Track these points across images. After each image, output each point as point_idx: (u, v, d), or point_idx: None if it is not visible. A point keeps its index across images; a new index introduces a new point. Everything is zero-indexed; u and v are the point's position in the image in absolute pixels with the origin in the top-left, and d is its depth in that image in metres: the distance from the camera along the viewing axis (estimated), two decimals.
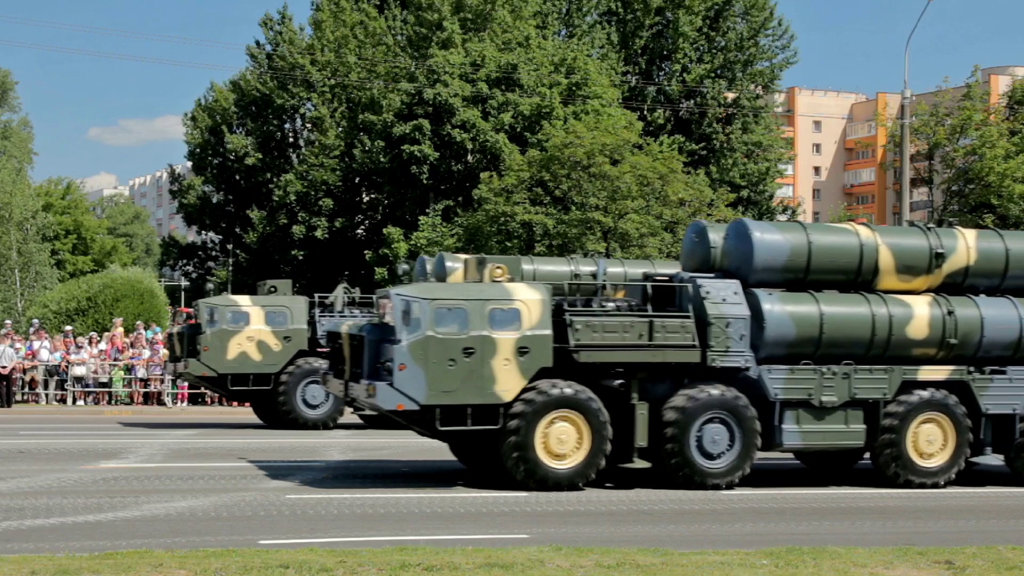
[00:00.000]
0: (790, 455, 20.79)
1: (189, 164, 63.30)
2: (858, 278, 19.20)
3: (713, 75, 59.61)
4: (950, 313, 19.17)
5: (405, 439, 24.29)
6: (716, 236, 19.48)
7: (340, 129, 55.11)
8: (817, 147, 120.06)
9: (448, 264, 25.73)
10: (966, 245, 19.77)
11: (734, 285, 18.46)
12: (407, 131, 49.40)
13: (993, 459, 19.88)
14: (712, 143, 58.82)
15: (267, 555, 11.49)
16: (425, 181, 49.88)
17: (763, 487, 18.75)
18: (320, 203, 53.77)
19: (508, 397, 17.27)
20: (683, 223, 45.44)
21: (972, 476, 19.87)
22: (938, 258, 19.47)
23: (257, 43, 59.45)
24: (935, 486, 18.90)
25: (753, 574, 11.29)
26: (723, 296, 18.28)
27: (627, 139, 46.11)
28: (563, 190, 44.23)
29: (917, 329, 19.04)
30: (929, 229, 19.88)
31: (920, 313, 19.11)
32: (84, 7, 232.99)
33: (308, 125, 58.55)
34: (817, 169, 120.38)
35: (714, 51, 60.64)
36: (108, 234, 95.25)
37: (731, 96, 60.31)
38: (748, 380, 18.30)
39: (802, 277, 18.93)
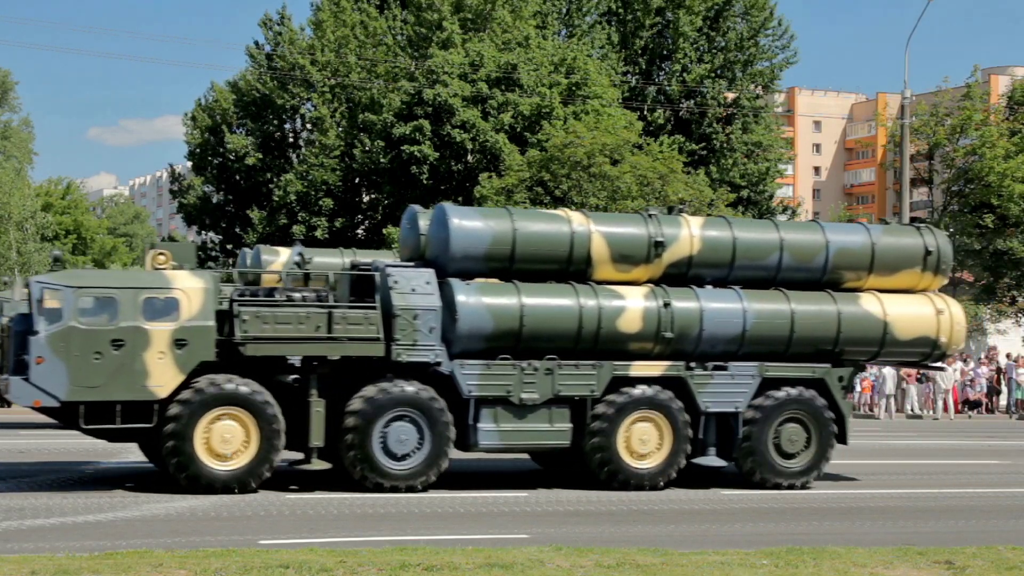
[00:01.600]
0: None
1: (189, 164, 63.28)
2: (570, 267, 18.01)
3: (713, 75, 59.62)
4: (666, 305, 17.93)
5: None
6: (426, 223, 18.34)
7: (340, 129, 55.11)
8: (817, 147, 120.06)
9: (264, 257, 24.23)
10: (689, 233, 18.51)
11: (427, 274, 17.38)
12: (407, 131, 49.40)
13: (716, 460, 18.56)
14: (712, 143, 58.82)
15: (267, 555, 11.49)
16: (425, 181, 49.88)
17: (763, 487, 18.74)
18: (320, 203, 53.80)
19: (163, 393, 16.16)
20: None
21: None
22: (658, 247, 18.24)
23: (257, 43, 59.46)
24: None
25: (753, 574, 11.29)
26: (412, 286, 17.15)
27: (627, 139, 46.13)
28: (563, 190, 44.24)
29: (629, 322, 17.81)
30: (651, 216, 18.57)
31: (633, 305, 17.87)
32: (84, 7, 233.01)
33: (308, 125, 58.54)
34: (817, 169, 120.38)
35: (714, 51, 60.64)
36: (108, 234, 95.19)
37: (731, 96, 60.32)
38: (441, 376, 17.20)
39: (507, 266, 17.74)
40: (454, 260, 17.49)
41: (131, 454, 21.33)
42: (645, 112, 57.63)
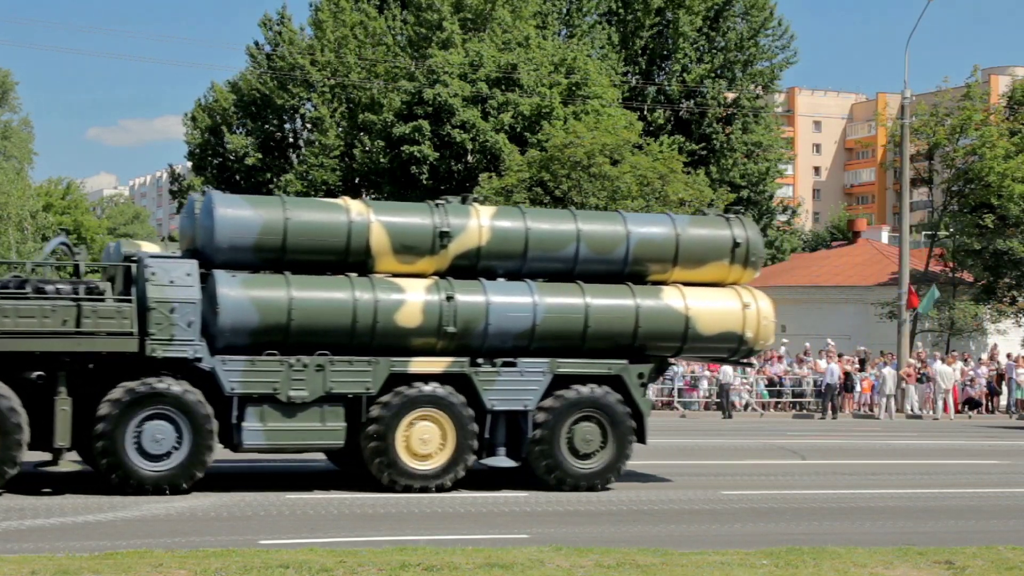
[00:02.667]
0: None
1: (189, 164, 63.30)
2: (348, 259, 17.19)
3: (713, 75, 59.63)
4: (449, 299, 17.08)
5: None
6: None
7: (340, 129, 55.11)
8: (817, 147, 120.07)
9: (124, 250, 23.50)
10: (478, 223, 17.62)
11: (187, 266, 16.46)
12: (407, 131, 49.39)
13: (505, 460, 17.71)
14: (712, 143, 58.83)
15: (267, 555, 11.49)
16: (425, 181, 49.84)
17: (763, 488, 18.75)
18: None
19: None
20: None
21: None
22: (443, 237, 17.36)
23: (256, 43, 59.48)
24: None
25: (753, 574, 11.28)
26: (171, 278, 16.20)
27: (627, 139, 46.12)
28: (563, 190, 44.22)
29: (409, 316, 16.95)
30: (437, 206, 17.70)
31: (413, 299, 17.01)
32: (84, 7, 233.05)
33: (308, 125, 58.56)
34: (817, 169, 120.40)
35: (714, 51, 60.66)
36: (108, 234, 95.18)
37: (731, 96, 60.34)
38: (203, 373, 16.29)
39: (280, 257, 16.90)
40: (220, 251, 16.60)
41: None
42: (645, 112, 57.62)
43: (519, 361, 17.44)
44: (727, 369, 38.44)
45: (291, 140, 59.83)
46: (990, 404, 41.54)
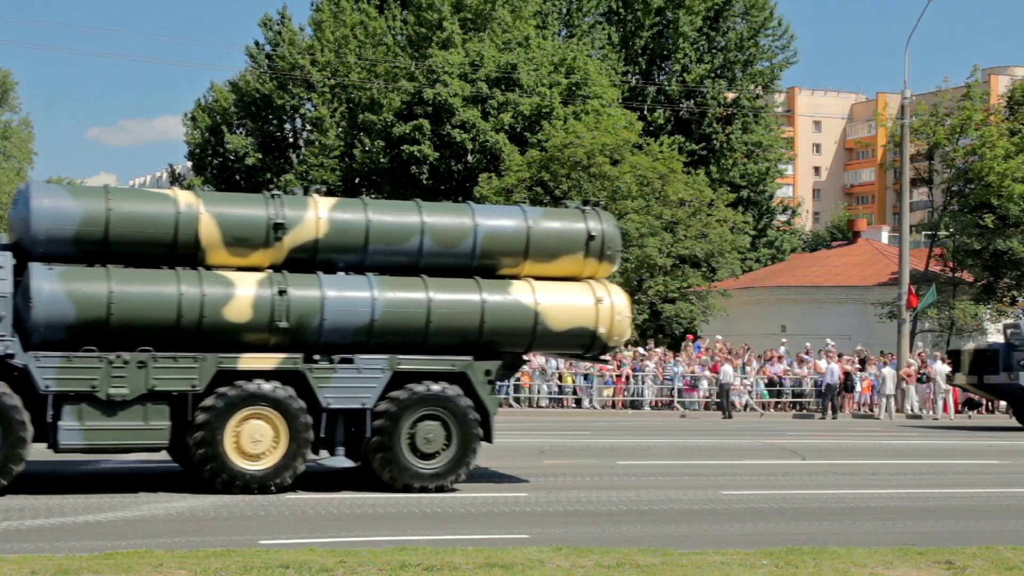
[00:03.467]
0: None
1: (189, 164, 63.33)
2: (177, 251, 16.52)
3: (713, 75, 59.65)
4: (281, 293, 16.48)
5: None
6: None
7: (340, 129, 55.13)
8: (817, 147, 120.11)
9: None
10: (316, 215, 17.02)
11: (1, 258, 15.85)
12: (407, 131, 49.41)
13: (343, 460, 17.23)
14: (712, 143, 58.85)
15: (267, 555, 11.49)
16: (425, 181, 49.85)
17: (763, 488, 18.75)
18: None
19: None
20: (683, 223, 45.54)
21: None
22: (278, 229, 16.77)
23: (257, 43, 59.49)
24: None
25: (753, 574, 11.28)
26: None
27: (627, 139, 46.14)
28: (563, 190, 44.23)
29: (238, 311, 16.31)
30: (273, 197, 17.14)
31: (243, 293, 16.39)
32: (84, 7, 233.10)
33: (308, 125, 58.60)
34: (817, 169, 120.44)
35: (714, 51, 60.68)
36: None
37: (731, 96, 60.38)
38: (16, 370, 15.61)
39: (102, 249, 16.26)
40: (38, 242, 15.94)
41: (131, 454, 21.33)
42: (645, 112, 57.65)
43: (357, 358, 16.80)
44: (727, 369, 38.45)
45: (291, 140, 59.86)
46: (990, 404, 41.55)
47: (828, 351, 40.42)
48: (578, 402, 39.57)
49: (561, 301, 17.70)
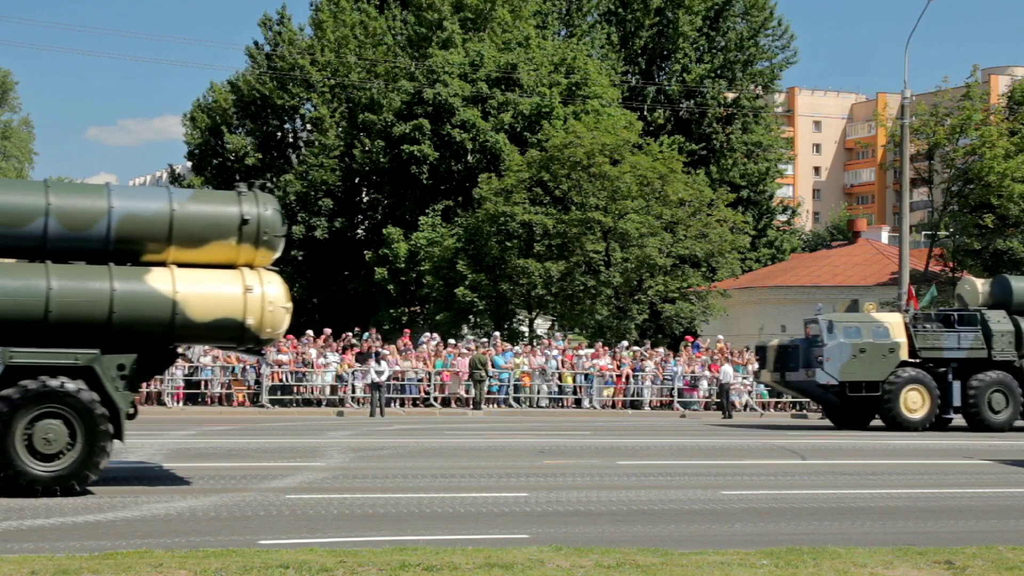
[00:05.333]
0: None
1: (189, 164, 63.32)
2: None
3: (713, 75, 59.67)
4: None
5: (405, 439, 24.31)
6: None
7: (340, 129, 55.13)
8: (817, 147, 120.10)
9: None
10: None
11: None
12: (407, 131, 49.43)
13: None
14: (712, 143, 58.87)
15: (267, 555, 11.49)
16: (425, 181, 49.87)
17: (763, 488, 18.74)
18: (320, 203, 53.79)
19: None
20: (683, 223, 45.57)
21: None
22: None
23: (256, 43, 59.48)
24: None
25: (753, 574, 11.28)
26: None
27: (627, 139, 46.15)
28: (563, 190, 44.24)
29: None
30: None
31: None
32: (84, 7, 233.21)
33: (308, 125, 58.60)
34: (817, 169, 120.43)
35: (714, 51, 60.71)
36: None
37: (731, 96, 60.39)
38: None
39: None
40: None
41: (131, 454, 21.34)
42: (645, 112, 57.67)
43: None
44: (727, 369, 38.43)
45: (291, 140, 59.85)
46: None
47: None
48: (578, 402, 39.58)
49: (204, 290, 16.59)
